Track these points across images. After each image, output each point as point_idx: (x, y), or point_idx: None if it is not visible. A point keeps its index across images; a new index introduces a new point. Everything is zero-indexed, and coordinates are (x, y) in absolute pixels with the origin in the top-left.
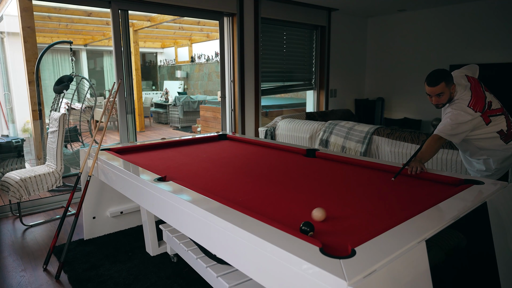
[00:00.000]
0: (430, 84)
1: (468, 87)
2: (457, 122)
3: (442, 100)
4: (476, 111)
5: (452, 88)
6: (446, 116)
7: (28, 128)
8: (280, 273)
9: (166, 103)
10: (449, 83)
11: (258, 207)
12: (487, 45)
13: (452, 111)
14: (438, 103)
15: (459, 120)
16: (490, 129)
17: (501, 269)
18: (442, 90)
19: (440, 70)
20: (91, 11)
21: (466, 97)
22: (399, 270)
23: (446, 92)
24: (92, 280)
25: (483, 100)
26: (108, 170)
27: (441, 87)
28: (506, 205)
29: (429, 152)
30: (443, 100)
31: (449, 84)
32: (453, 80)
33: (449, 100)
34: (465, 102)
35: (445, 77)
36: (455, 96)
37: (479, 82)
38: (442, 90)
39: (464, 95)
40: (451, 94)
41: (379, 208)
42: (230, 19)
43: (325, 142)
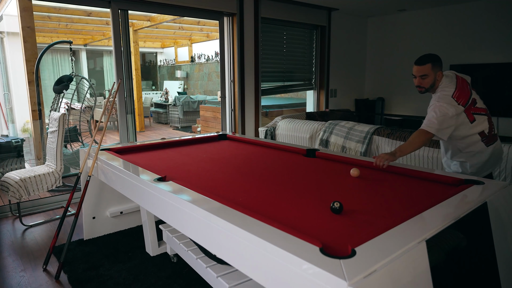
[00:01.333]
0: (417, 62)
1: (454, 80)
2: (443, 115)
3: (425, 83)
4: (459, 104)
5: (438, 75)
6: (430, 110)
7: (28, 128)
8: (280, 273)
9: (166, 103)
10: (435, 67)
11: (258, 207)
12: (487, 45)
13: (435, 103)
14: (420, 84)
15: (443, 113)
16: (473, 130)
17: (501, 269)
18: (427, 72)
19: (431, 53)
20: (91, 11)
21: (451, 88)
22: (399, 270)
23: (430, 75)
24: (92, 280)
25: (467, 95)
26: (108, 170)
27: (426, 67)
28: (506, 205)
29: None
30: (426, 83)
31: (435, 67)
32: (441, 67)
33: (432, 86)
34: (449, 92)
35: (433, 60)
36: (439, 85)
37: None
38: (427, 71)
39: (448, 86)
40: (435, 80)
41: (379, 208)
42: (230, 19)
43: (325, 142)
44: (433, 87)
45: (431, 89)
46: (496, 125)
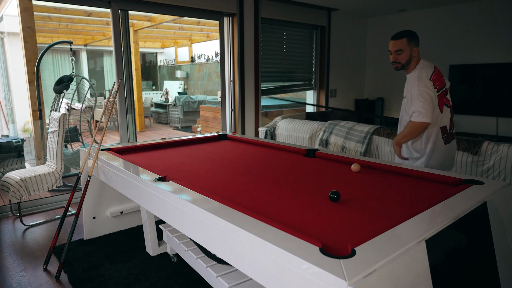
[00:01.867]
0: (393, 37)
1: (432, 66)
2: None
3: (401, 58)
4: (435, 87)
5: (414, 51)
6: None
7: (28, 128)
8: (280, 273)
9: (166, 103)
10: (411, 42)
11: (258, 207)
12: (487, 45)
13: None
14: (395, 60)
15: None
16: (439, 121)
17: (501, 269)
18: (402, 47)
19: (409, 30)
20: (91, 11)
21: (429, 69)
22: (399, 270)
23: (405, 50)
24: (92, 280)
25: (442, 81)
26: (108, 170)
27: (402, 42)
28: (506, 205)
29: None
30: (401, 58)
31: (411, 42)
32: (417, 43)
33: (408, 62)
34: (428, 73)
35: (408, 35)
36: (417, 66)
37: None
38: (402, 46)
39: (426, 66)
40: (411, 56)
41: (379, 208)
42: (230, 19)
43: (325, 142)
44: (409, 64)
45: (407, 66)
46: (496, 125)
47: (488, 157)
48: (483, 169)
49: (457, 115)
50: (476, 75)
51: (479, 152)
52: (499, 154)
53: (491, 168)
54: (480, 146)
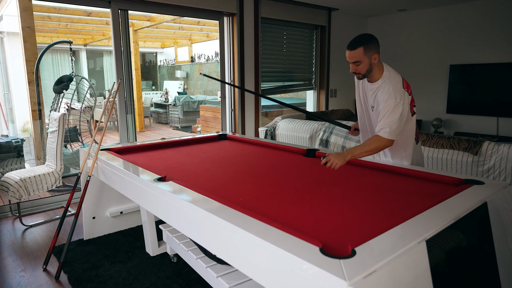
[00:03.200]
0: (348, 47)
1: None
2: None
3: (360, 69)
4: (409, 94)
5: (374, 58)
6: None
7: (28, 128)
8: (280, 273)
9: (166, 103)
10: (368, 50)
11: (258, 207)
12: (487, 45)
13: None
14: (355, 71)
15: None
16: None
17: (501, 269)
18: (359, 58)
19: (365, 34)
20: (91, 11)
21: (399, 78)
22: (399, 270)
23: (364, 61)
24: (92, 280)
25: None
26: (108, 170)
27: (358, 52)
28: (507, 205)
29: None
30: (360, 69)
31: (368, 51)
32: (376, 49)
33: (369, 71)
34: (400, 83)
35: (365, 43)
36: (385, 73)
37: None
38: (360, 57)
39: (395, 75)
40: (371, 65)
41: (379, 208)
42: (230, 19)
43: (325, 142)
44: (371, 73)
45: (370, 74)
46: (497, 125)
47: (488, 157)
48: (484, 169)
49: (457, 115)
50: (476, 75)
51: (479, 152)
52: (499, 154)
53: (491, 168)
54: (481, 146)
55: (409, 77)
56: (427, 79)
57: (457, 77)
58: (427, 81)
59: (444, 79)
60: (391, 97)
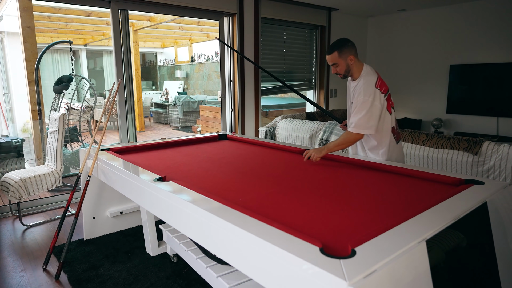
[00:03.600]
0: (326, 52)
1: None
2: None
3: (339, 70)
4: (382, 93)
5: (350, 59)
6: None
7: (28, 128)
8: (280, 273)
9: (166, 103)
10: (343, 53)
11: (258, 207)
12: (487, 45)
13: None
14: (336, 73)
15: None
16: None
17: (502, 269)
18: (335, 60)
19: (341, 39)
20: (91, 11)
21: (373, 76)
22: (399, 270)
23: (340, 63)
24: (92, 280)
25: (386, 86)
26: (108, 170)
27: (334, 56)
28: (507, 205)
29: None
30: (340, 70)
31: (343, 53)
32: (350, 51)
33: (348, 70)
34: (372, 81)
35: (339, 47)
36: (362, 72)
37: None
38: (336, 60)
39: (370, 73)
40: (349, 66)
41: (379, 208)
42: (230, 19)
43: (325, 142)
44: (350, 72)
45: (350, 74)
46: (497, 125)
47: (488, 157)
48: (484, 169)
49: (457, 115)
50: (476, 75)
51: (479, 152)
52: (499, 154)
53: (491, 168)
54: (481, 146)
55: (409, 77)
56: (427, 79)
57: (457, 77)
58: (427, 81)
59: (444, 79)
60: (360, 94)
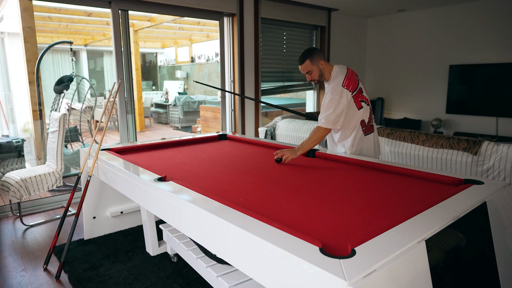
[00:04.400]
0: (298, 61)
1: (344, 70)
2: (336, 109)
3: (313, 76)
4: (349, 90)
5: (321, 64)
6: (325, 104)
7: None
8: (280, 273)
9: (166, 103)
10: (314, 60)
11: (258, 207)
12: (487, 45)
13: (329, 96)
14: (311, 79)
15: (335, 106)
16: (357, 117)
17: (501, 269)
18: (308, 68)
19: (308, 48)
20: (91, 11)
21: (340, 77)
22: (399, 270)
23: (313, 69)
24: (92, 280)
25: (355, 83)
26: (109, 170)
27: (306, 65)
28: (506, 205)
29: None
30: (314, 76)
31: (314, 60)
32: (320, 57)
33: (321, 75)
34: (339, 81)
35: (309, 55)
36: (332, 75)
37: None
38: (309, 68)
39: (338, 75)
40: (321, 70)
41: (379, 208)
42: (230, 19)
43: (325, 142)
44: (323, 76)
45: (323, 77)
46: (496, 125)
47: (488, 157)
48: (483, 169)
49: (457, 115)
50: (476, 75)
51: (479, 152)
52: (499, 154)
53: (491, 168)
54: (480, 146)
55: (409, 77)
56: (427, 79)
57: (457, 77)
58: (427, 81)
59: (444, 79)
60: (328, 93)
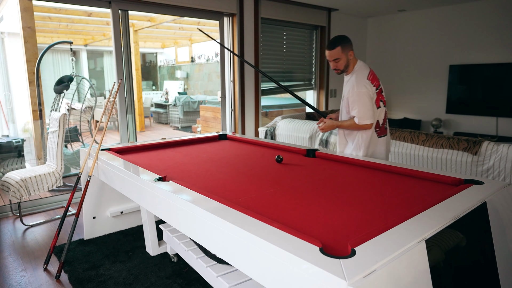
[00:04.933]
0: (328, 47)
1: (368, 67)
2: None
3: (339, 65)
4: (373, 86)
5: (350, 54)
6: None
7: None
8: (280, 273)
9: (166, 103)
10: (345, 48)
11: (258, 207)
12: (487, 45)
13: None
14: (335, 68)
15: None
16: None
17: (501, 269)
18: (338, 55)
19: (340, 35)
20: (91, 11)
21: (365, 70)
22: (399, 270)
23: (342, 57)
24: (92, 280)
25: (378, 81)
26: (109, 170)
27: (337, 51)
28: (506, 205)
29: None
30: (340, 65)
31: (345, 49)
32: (351, 47)
33: (347, 66)
34: (365, 74)
35: (341, 42)
36: (355, 67)
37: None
38: (338, 55)
39: (362, 68)
40: (348, 60)
41: (379, 208)
42: (230, 19)
43: (325, 142)
44: (348, 67)
45: (347, 69)
46: (496, 125)
47: (488, 157)
48: (483, 169)
49: (457, 115)
50: (476, 75)
51: (478, 152)
52: (498, 154)
53: (490, 168)
54: (480, 146)
55: (408, 77)
56: (427, 79)
57: (457, 77)
58: (427, 81)
59: (444, 79)
60: (353, 87)
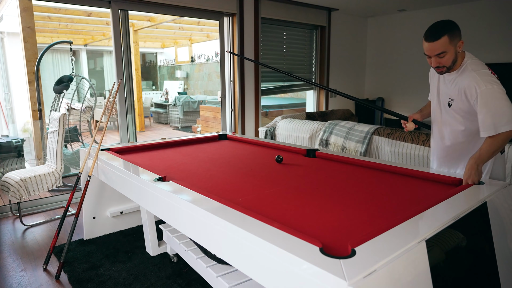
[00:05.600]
0: (429, 38)
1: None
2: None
3: (445, 61)
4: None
5: (459, 46)
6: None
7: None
8: (280, 273)
9: (166, 103)
10: (454, 37)
11: (258, 207)
12: (488, 45)
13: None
14: (439, 65)
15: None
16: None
17: (501, 269)
18: (444, 48)
19: (444, 21)
20: (91, 11)
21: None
22: (399, 270)
23: (450, 50)
24: (92, 280)
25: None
26: (108, 170)
27: (443, 42)
28: (506, 205)
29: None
30: (445, 61)
31: (454, 38)
32: (460, 35)
33: (454, 61)
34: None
35: (449, 30)
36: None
37: None
38: (445, 47)
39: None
40: (456, 54)
41: (379, 208)
42: (230, 19)
43: (325, 142)
44: (456, 63)
45: (453, 65)
46: None
47: None
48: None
49: None
50: None
51: None
52: None
53: None
54: None
55: (409, 77)
56: (427, 79)
57: None
58: (427, 81)
59: None
60: (481, 85)
